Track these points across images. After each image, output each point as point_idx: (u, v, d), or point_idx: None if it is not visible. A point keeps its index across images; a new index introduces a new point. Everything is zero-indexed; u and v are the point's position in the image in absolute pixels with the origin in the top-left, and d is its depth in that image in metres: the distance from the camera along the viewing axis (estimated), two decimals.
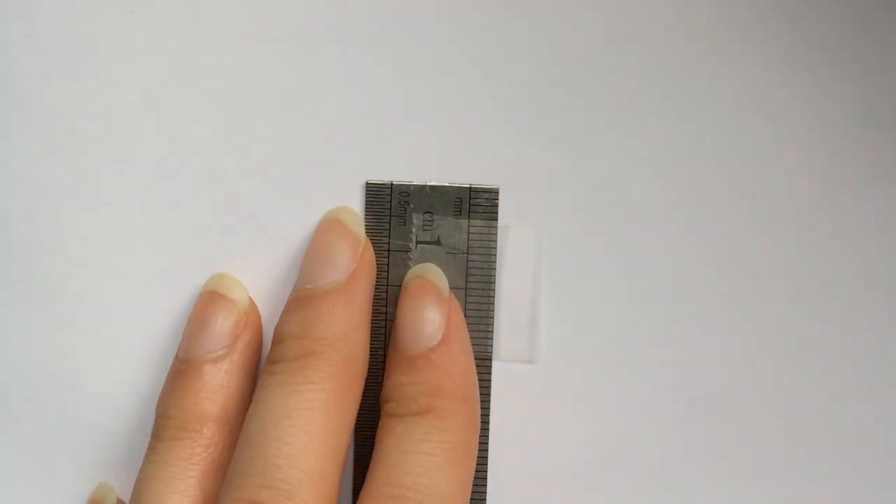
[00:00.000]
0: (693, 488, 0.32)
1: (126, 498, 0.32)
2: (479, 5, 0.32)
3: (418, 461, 0.28)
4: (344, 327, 0.30)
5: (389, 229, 0.32)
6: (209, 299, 0.32)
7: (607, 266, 0.32)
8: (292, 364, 0.29)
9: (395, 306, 0.31)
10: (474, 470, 0.30)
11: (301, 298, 0.30)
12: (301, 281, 0.31)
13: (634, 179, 0.32)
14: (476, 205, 0.32)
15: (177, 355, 0.32)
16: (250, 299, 0.32)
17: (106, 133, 0.32)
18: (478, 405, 0.30)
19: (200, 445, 0.30)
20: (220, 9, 0.32)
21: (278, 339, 0.30)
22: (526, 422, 0.32)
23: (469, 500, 0.29)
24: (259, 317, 0.32)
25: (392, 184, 0.32)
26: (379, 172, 0.32)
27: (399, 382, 0.30)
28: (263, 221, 0.32)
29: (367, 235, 0.32)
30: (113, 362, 0.32)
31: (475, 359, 0.31)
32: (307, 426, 0.28)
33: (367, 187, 0.32)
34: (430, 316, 0.30)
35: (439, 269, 0.31)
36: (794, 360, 0.32)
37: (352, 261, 0.31)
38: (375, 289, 0.32)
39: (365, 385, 0.31)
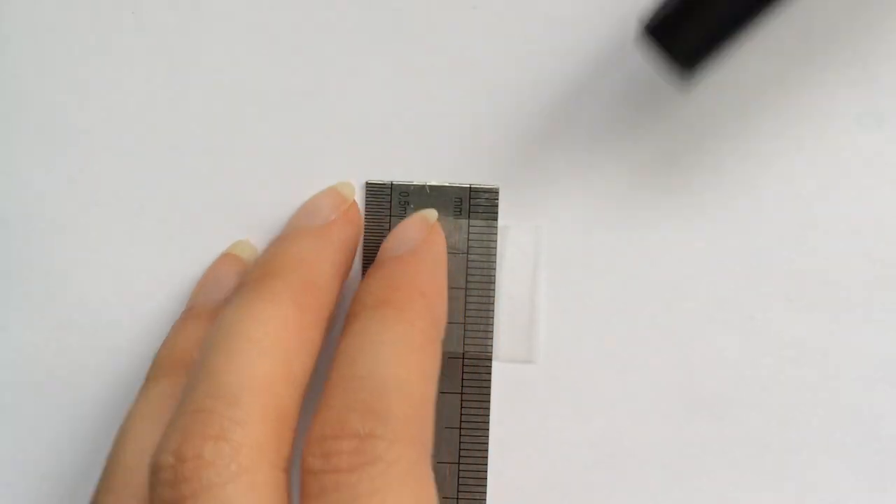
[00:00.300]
0: (693, 488, 0.32)
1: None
2: (479, 5, 0.32)
3: (374, 352, 0.27)
4: (308, 254, 0.29)
5: (389, 229, 0.32)
6: (221, 258, 0.32)
7: (607, 266, 0.32)
8: (250, 285, 0.28)
9: None
10: (438, 365, 0.29)
11: (275, 239, 0.31)
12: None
13: (634, 180, 0.32)
14: (476, 205, 0.32)
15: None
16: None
17: (106, 133, 0.32)
18: (439, 306, 0.29)
19: (179, 384, 0.29)
20: (220, 9, 0.32)
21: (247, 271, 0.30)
22: (525, 422, 0.32)
23: (433, 395, 0.28)
24: None
25: (392, 184, 0.32)
26: (379, 172, 0.32)
27: (365, 283, 0.29)
28: (264, 221, 0.32)
29: (367, 235, 0.32)
30: (113, 362, 0.32)
31: (475, 358, 0.31)
32: (260, 339, 0.27)
33: (367, 187, 0.32)
34: (408, 229, 0.31)
35: (434, 211, 0.31)
36: (794, 360, 0.32)
37: (331, 212, 0.31)
38: None
39: None
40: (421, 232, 0.30)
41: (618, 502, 0.32)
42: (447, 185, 0.32)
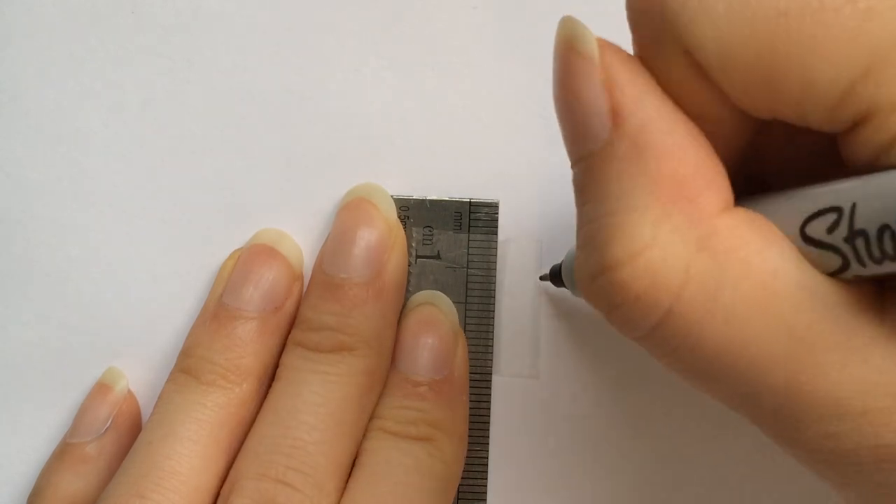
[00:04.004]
0: (694, 497, 0.32)
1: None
2: (479, 5, 0.31)
3: (400, 486, 0.29)
4: (377, 325, 0.30)
5: None
6: (260, 252, 0.31)
7: None
8: (329, 356, 0.30)
9: (399, 323, 0.31)
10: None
11: (332, 287, 0.30)
12: (330, 264, 0.30)
13: None
14: (476, 219, 0.32)
15: (222, 298, 0.31)
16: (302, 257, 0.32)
17: (106, 133, 0.32)
18: (466, 443, 0.31)
19: (238, 398, 0.30)
20: (220, 9, 0.32)
21: (314, 327, 0.30)
22: (526, 433, 0.32)
23: None
24: (303, 278, 0.32)
25: (392, 198, 0.32)
26: None
27: (401, 404, 0.30)
28: (263, 222, 0.32)
29: None
30: (112, 362, 0.33)
31: (475, 373, 0.32)
32: (339, 414, 0.29)
33: None
34: (438, 347, 0.31)
35: (450, 301, 0.31)
36: None
37: (383, 251, 0.30)
38: None
39: None
40: (451, 349, 0.31)
41: None
42: (447, 199, 0.32)
